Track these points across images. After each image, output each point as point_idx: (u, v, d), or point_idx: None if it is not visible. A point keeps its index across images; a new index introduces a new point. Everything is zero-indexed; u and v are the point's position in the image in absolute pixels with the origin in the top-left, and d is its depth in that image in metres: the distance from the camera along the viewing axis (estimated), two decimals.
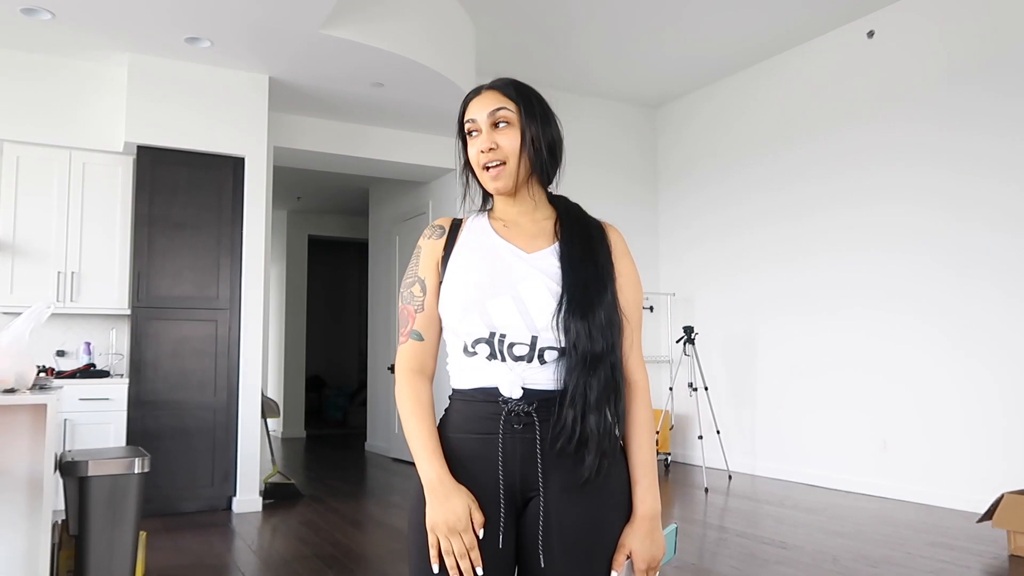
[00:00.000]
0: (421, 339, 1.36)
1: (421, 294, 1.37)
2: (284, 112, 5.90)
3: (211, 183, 5.13)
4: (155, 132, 4.94)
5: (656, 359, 7.22)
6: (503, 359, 1.28)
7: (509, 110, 1.34)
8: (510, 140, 1.33)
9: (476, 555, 1.21)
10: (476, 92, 1.38)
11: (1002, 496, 3.89)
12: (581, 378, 1.24)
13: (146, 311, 4.89)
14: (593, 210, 1.44)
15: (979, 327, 4.81)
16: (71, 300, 4.90)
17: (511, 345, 1.27)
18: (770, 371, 6.23)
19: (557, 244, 1.35)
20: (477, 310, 1.28)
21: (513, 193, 1.37)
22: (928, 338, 5.07)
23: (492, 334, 1.28)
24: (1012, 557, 3.76)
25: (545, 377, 1.28)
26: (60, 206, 4.93)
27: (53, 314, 4.92)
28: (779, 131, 6.25)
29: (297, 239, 10.00)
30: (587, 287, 1.28)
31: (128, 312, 4.98)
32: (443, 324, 1.35)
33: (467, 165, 1.42)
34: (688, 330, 6.18)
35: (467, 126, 1.36)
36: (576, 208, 1.43)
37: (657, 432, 6.36)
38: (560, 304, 1.27)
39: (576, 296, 1.27)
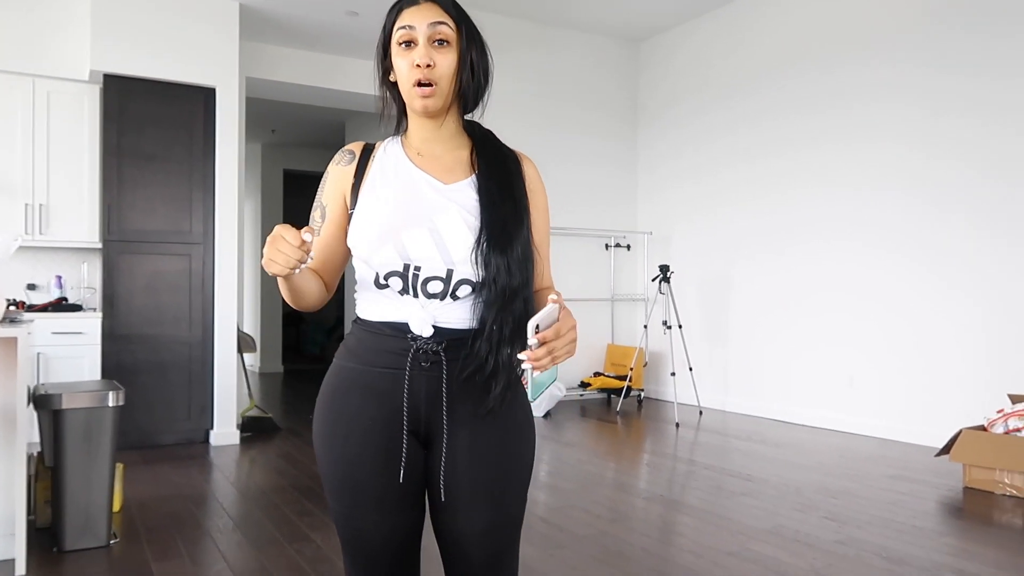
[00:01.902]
0: (311, 259, 1.27)
1: (320, 220, 1.33)
2: (257, 41, 5.72)
3: (181, 114, 5.00)
4: (122, 60, 4.78)
5: (632, 297, 7.29)
6: (415, 295, 1.26)
7: (450, 28, 1.27)
8: (447, 60, 1.26)
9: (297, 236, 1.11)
10: (412, 0, 1.29)
11: (960, 431, 4.03)
12: (499, 313, 1.23)
13: (118, 245, 4.82)
14: (573, 146, 1.42)
15: (945, 267, 4.89)
16: (40, 233, 4.81)
17: (426, 280, 1.25)
18: (743, 309, 6.32)
19: (474, 176, 1.31)
20: (391, 241, 1.24)
21: (437, 115, 1.31)
22: (895, 277, 5.16)
23: (407, 266, 1.25)
24: (967, 489, 3.92)
25: (457, 316, 1.27)
26: (25, 136, 4.79)
27: (22, 247, 4.83)
28: (761, 69, 6.18)
29: (272, 173, 9.83)
30: (506, 222, 1.26)
31: (99, 246, 4.91)
32: (354, 254, 1.31)
33: (386, 77, 1.34)
34: (664, 268, 6.22)
35: (400, 34, 1.27)
36: (492, 137, 1.38)
37: (631, 369, 6.46)
38: (479, 239, 1.24)
39: (496, 231, 1.25)
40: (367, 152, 1.35)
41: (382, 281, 1.27)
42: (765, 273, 6.12)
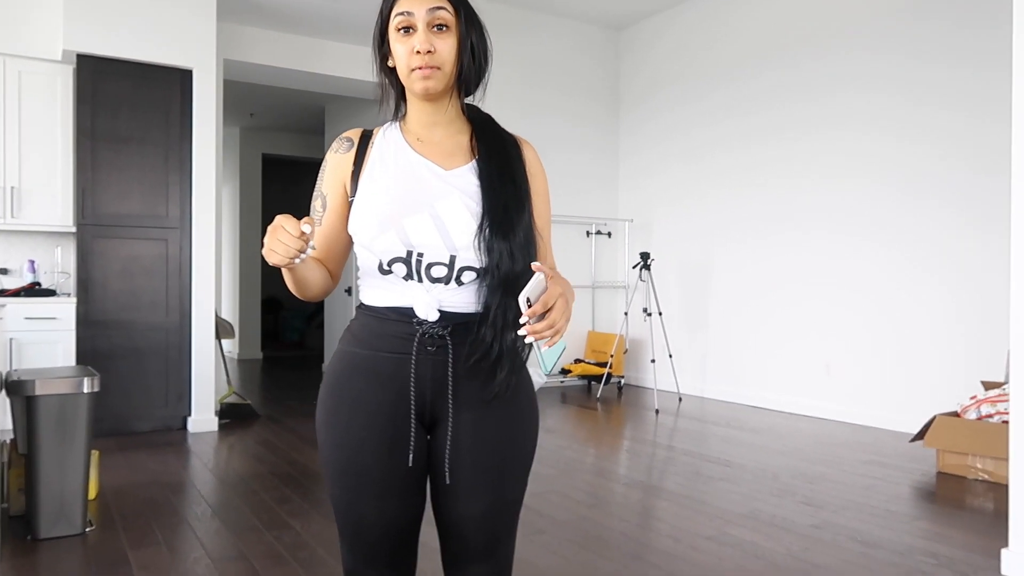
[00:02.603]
0: (313, 249, 1.28)
1: (321, 210, 1.33)
2: (235, 23, 5.63)
3: (157, 96, 4.91)
4: (95, 40, 4.68)
5: (612, 284, 7.30)
6: (420, 279, 1.25)
7: (448, 12, 1.26)
8: (447, 45, 1.26)
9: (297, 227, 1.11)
10: None
11: (934, 417, 4.09)
12: (503, 298, 1.23)
13: (92, 228, 4.74)
14: (553, 134, 1.41)
15: (920, 255, 4.95)
16: (12, 216, 4.71)
17: (429, 265, 1.25)
18: (723, 297, 6.36)
19: (475, 162, 1.30)
20: (393, 227, 1.24)
21: (437, 99, 1.30)
22: (873, 265, 5.21)
23: (409, 253, 1.25)
24: (940, 474, 3.99)
25: (462, 300, 1.27)
26: None
27: None
28: (740, 58, 6.19)
29: (251, 157, 9.72)
30: (507, 207, 1.26)
31: (73, 230, 4.82)
32: (355, 241, 1.30)
33: (384, 64, 1.33)
34: (644, 256, 6.24)
35: (398, 20, 1.26)
36: (491, 122, 1.38)
37: (611, 356, 6.49)
38: (482, 225, 1.24)
39: (497, 216, 1.25)
40: (365, 139, 1.34)
41: (385, 267, 1.27)
42: (744, 261, 6.16)
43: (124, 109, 4.82)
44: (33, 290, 4.67)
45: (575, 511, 3.34)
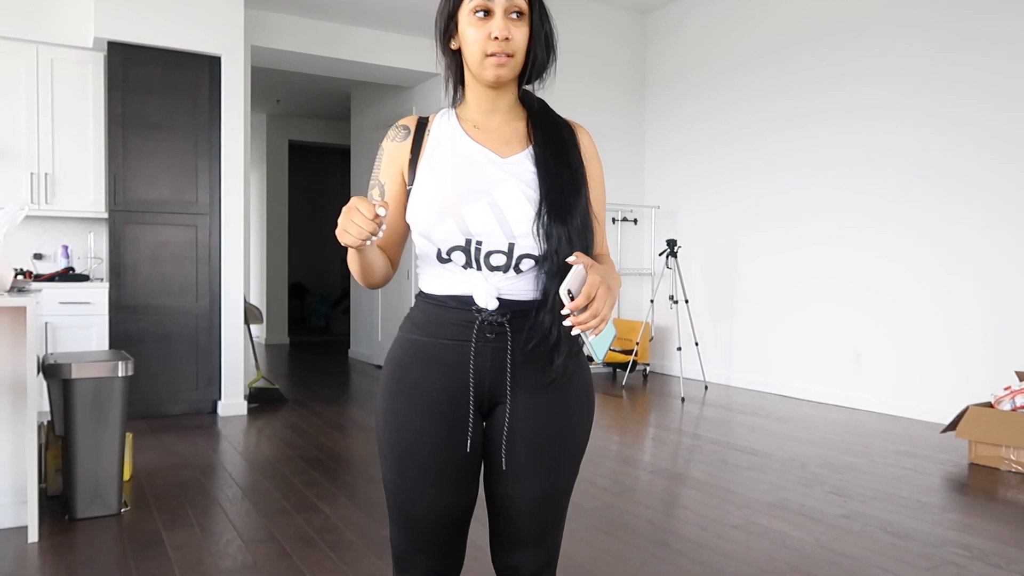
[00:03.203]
0: (383, 233, 1.31)
1: (379, 198, 1.33)
2: (263, 9, 5.65)
3: (186, 83, 4.95)
4: (126, 27, 4.72)
5: (639, 272, 7.27)
6: (479, 268, 1.26)
7: (524, 1, 1.26)
8: (523, 33, 1.26)
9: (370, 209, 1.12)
10: None
11: (967, 408, 4.03)
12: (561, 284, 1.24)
13: (123, 215, 4.81)
14: (580, 119, 1.40)
15: (954, 244, 4.85)
16: (46, 202, 4.79)
17: (488, 254, 1.25)
18: (749, 284, 6.30)
19: (531, 148, 1.30)
20: (452, 216, 1.24)
21: (502, 86, 1.30)
22: (904, 254, 5.13)
23: (468, 241, 1.25)
24: (972, 465, 3.93)
25: (520, 288, 1.27)
26: (29, 104, 4.76)
27: (28, 216, 4.82)
28: (771, 44, 6.09)
29: (277, 144, 9.78)
30: (564, 192, 1.26)
31: (105, 215, 4.89)
32: (414, 230, 1.31)
33: (446, 47, 1.32)
34: (671, 243, 6.19)
35: (478, 3, 1.24)
36: (546, 108, 1.37)
37: (637, 343, 6.47)
38: (540, 211, 1.24)
39: (555, 202, 1.24)
40: (422, 126, 1.34)
41: (444, 256, 1.27)
42: (772, 248, 6.09)
43: (154, 96, 4.87)
44: (67, 275, 4.75)
45: (601, 498, 3.34)
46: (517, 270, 1.26)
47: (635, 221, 7.25)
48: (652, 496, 3.42)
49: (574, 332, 1.12)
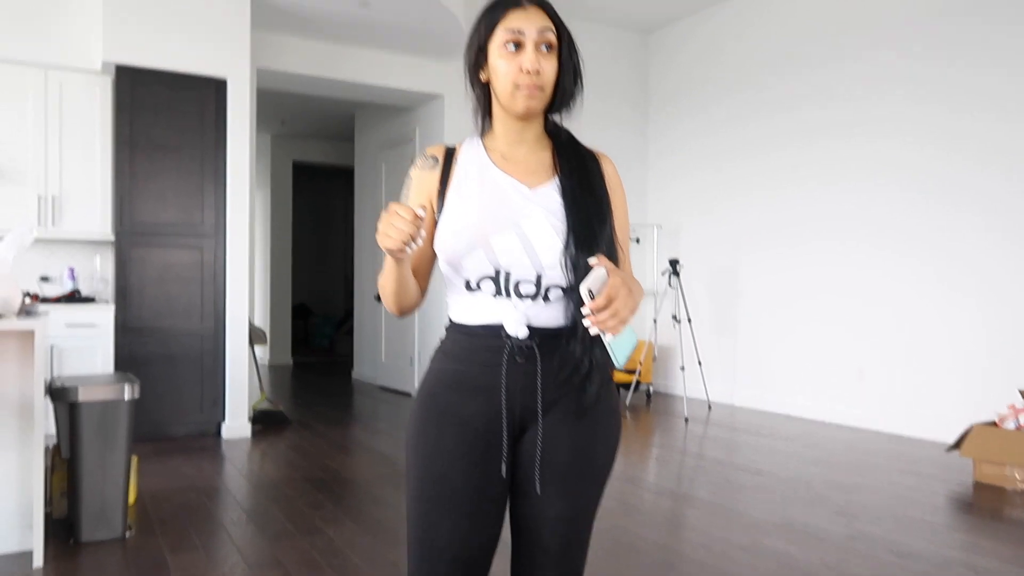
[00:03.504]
0: (423, 240, 1.33)
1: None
2: (267, 32, 5.72)
3: (193, 105, 5.01)
4: (134, 51, 4.78)
5: None
6: (508, 296, 1.28)
7: (554, 34, 1.29)
8: (552, 66, 1.29)
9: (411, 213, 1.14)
10: (515, 2, 1.29)
11: (971, 427, 4.02)
12: None
13: (130, 237, 4.84)
14: (582, 138, 1.42)
15: (958, 261, 4.87)
16: (52, 224, 4.83)
17: (517, 283, 1.27)
18: (752, 303, 6.31)
19: (558, 178, 1.32)
20: (481, 245, 1.26)
21: (530, 118, 1.32)
22: (907, 271, 5.14)
23: (498, 272, 1.27)
24: (977, 484, 3.92)
25: (549, 315, 1.28)
26: (37, 127, 4.80)
27: (35, 239, 4.85)
28: (771, 61, 6.15)
29: (282, 165, 9.84)
30: (591, 223, 1.28)
31: (111, 238, 4.93)
32: (441, 259, 1.32)
33: (476, 78, 1.34)
34: (673, 263, 6.21)
35: (509, 35, 1.27)
36: (571, 138, 1.40)
37: (640, 363, 6.47)
38: (567, 243, 1.26)
39: (582, 233, 1.26)
40: (449, 156, 1.36)
41: (474, 286, 1.29)
42: (774, 267, 6.11)
43: (161, 118, 4.92)
44: (73, 297, 4.77)
45: (606, 519, 3.34)
46: (546, 299, 1.28)
47: (637, 240, 7.27)
48: (657, 517, 3.41)
49: (592, 331, 1.12)
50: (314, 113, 8.60)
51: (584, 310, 1.10)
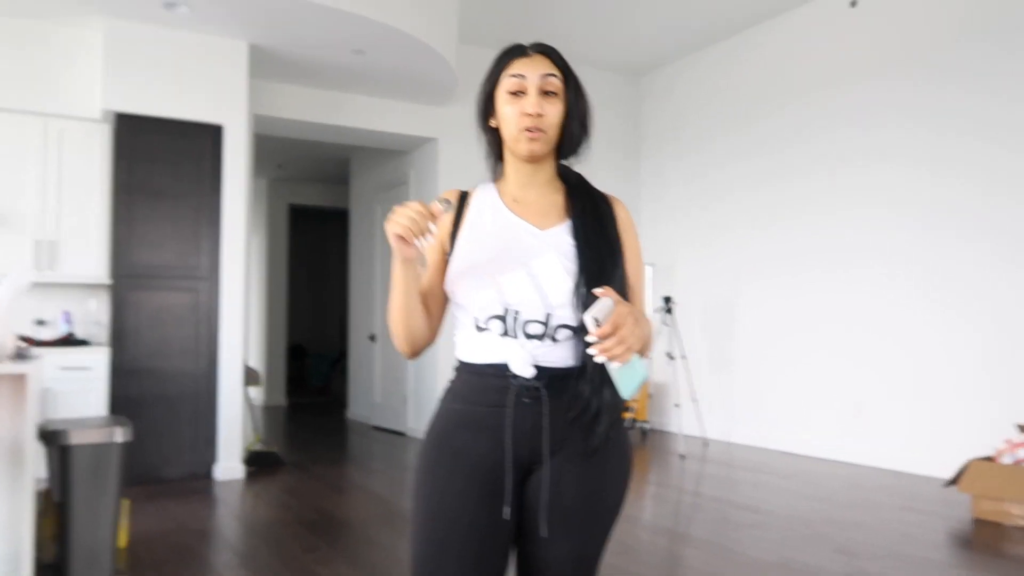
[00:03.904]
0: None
1: (421, 268, 1.37)
2: (264, 79, 5.82)
3: (190, 151, 5.07)
4: (133, 100, 4.87)
5: None
6: (515, 336, 1.28)
7: (558, 79, 1.33)
8: (555, 110, 1.32)
9: (425, 213, 1.21)
10: (521, 51, 1.34)
11: (969, 462, 4.01)
12: None
13: (126, 280, 4.87)
14: None
15: (955, 296, 4.90)
16: (49, 269, 4.85)
17: (525, 323, 1.28)
18: (747, 339, 6.32)
19: (570, 221, 1.34)
20: (491, 286, 1.28)
21: (538, 161, 1.35)
22: (903, 303, 5.17)
23: (506, 311, 1.28)
24: (976, 520, 3.89)
25: (557, 355, 1.29)
26: (37, 174, 4.86)
27: (31, 283, 4.87)
28: (759, 100, 6.26)
29: (278, 208, 9.92)
30: (602, 264, 1.30)
31: (108, 281, 4.95)
32: (452, 299, 1.35)
33: (486, 124, 1.38)
34: (667, 300, 6.24)
35: (511, 83, 1.32)
36: (584, 182, 1.42)
37: (635, 400, 6.45)
38: (578, 284, 1.27)
39: (593, 274, 1.28)
40: (463, 199, 1.40)
41: (482, 325, 1.30)
42: (769, 302, 6.14)
43: (159, 164, 4.98)
44: (67, 340, 4.78)
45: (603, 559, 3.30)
46: (553, 339, 1.28)
47: None
48: (654, 556, 3.38)
49: (597, 359, 1.11)
50: (310, 157, 8.71)
51: (589, 338, 1.10)
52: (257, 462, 5.42)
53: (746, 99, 6.40)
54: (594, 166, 1.41)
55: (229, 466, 5.04)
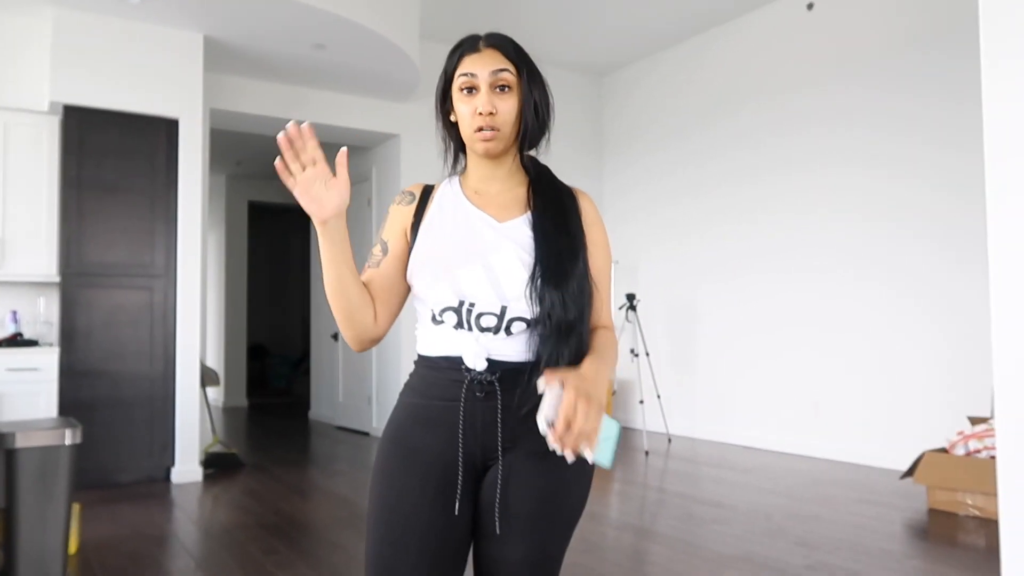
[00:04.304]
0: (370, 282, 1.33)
1: (380, 254, 1.35)
2: (221, 73, 5.70)
3: (144, 146, 4.94)
4: (83, 92, 4.72)
5: None
6: (469, 329, 1.27)
7: (511, 73, 1.30)
8: (509, 106, 1.30)
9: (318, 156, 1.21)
10: (472, 46, 1.32)
11: (923, 454, 4.09)
12: (555, 347, 1.24)
13: (77, 278, 4.72)
14: None
15: (907, 293, 5.00)
16: None
17: (479, 315, 1.26)
18: (709, 337, 6.38)
19: (529, 214, 1.32)
20: (446, 278, 1.26)
21: (497, 156, 1.33)
22: (859, 302, 5.26)
23: (461, 303, 1.26)
24: (931, 511, 3.98)
25: (511, 349, 1.27)
26: None
27: None
28: (721, 100, 6.32)
29: (237, 205, 9.74)
30: (561, 257, 1.27)
31: (57, 280, 4.79)
32: (413, 291, 1.33)
33: (444, 119, 1.37)
34: (630, 297, 6.27)
35: (462, 80, 1.30)
36: (548, 174, 1.40)
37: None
38: (534, 274, 1.25)
39: (550, 266, 1.26)
40: (426, 192, 1.39)
41: (438, 317, 1.29)
42: (731, 300, 6.20)
43: (110, 158, 4.84)
44: (15, 341, 4.62)
45: (567, 557, 3.28)
46: (508, 331, 1.26)
47: None
48: (619, 553, 3.38)
49: (569, 459, 1.09)
50: (270, 153, 8.54)
51: (549, 443, 1.08)
52: (216, 464, 5.31)
53: (707, 100, 6.46)
54: (558, 164, 1.39)
55: (187, 469, 4.92)
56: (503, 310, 1.26)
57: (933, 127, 4.89)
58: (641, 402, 6.19)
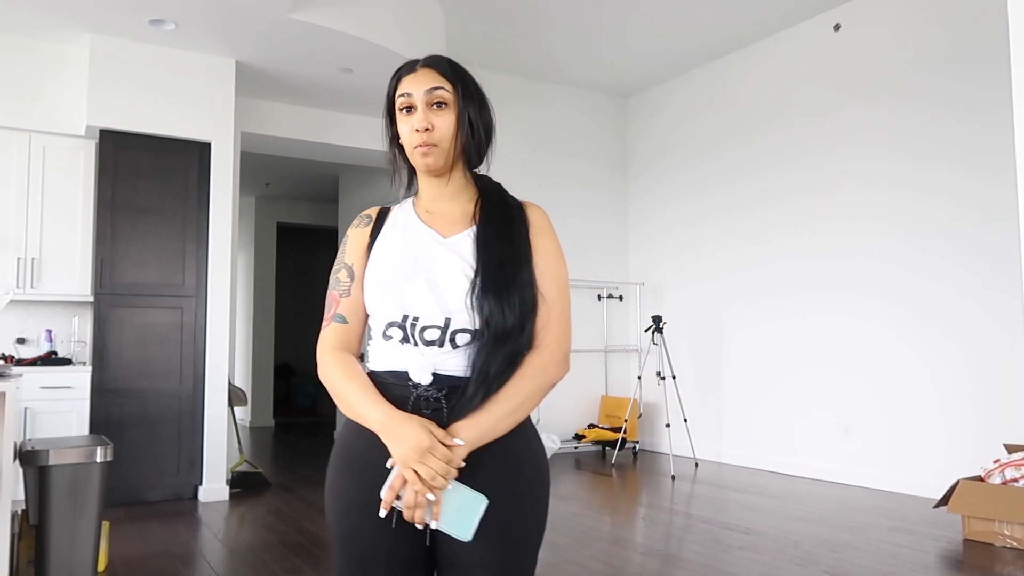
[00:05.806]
0: (345, 322, 1.36)
1: (348, 280, 1.38)
2: (252, 97, 5.81)
3: (176, 168, 5.04)
4: (118, 116, 4.84)
5: (625, 348, 7.28)
6: (415, 343, 1.28)
7: (446, 91, 1.33)
8: (446, 122, 1.32)
9: (452, 472, 1.19)
10: (410, 68, 1.36)
11: (957, 482, 3.99)
12: (487, 357, 1.24)
13: (109, 298, 4.81)
14: (563, 199, 1.44)
15: (940, 316, 4.91)
16: (31, 287, 4.79)
17: (423, 329, 1.27)
18: (736, 359, 6.31)
19: (475, 227, 1.34)
20: (392, 293, 1.29)
21: (441, 173, 1.36)
22: (889, 325, 5.18)
23: (405, 317, 1.28)
24: (967, 541, 3.87)
25: (456, 363, 1.27)
26: (19, 190, 4.81)
27: (12, 301, 4.81)
28: (745, 121, 6.31)
29: (266, 226, 9.88)
30: (502, 266, 1.28)
31: (90, 299, 4.89)
32: (366, 309, 1.36)
33: (394, 141, 1.41)
34: (656, 319, 6.23)
35: (400, 101, 1.34)
36: (497, 189, 1.41)
37: (626, 420, 6.42)
38: (474, 284, 1.27)
39: (490, 275, 1.27)
40: (383, 215, 1.42)
41: (386, 333, 1.31)
42: (757, 322, 6.14)
43: (144, 181, 4.94)
44: (49, 359, 4.70)
45: None
46: (453, 344, 1.27)
47: (620, 298, 7.30)
48: None
49: (430, 524, 1.17)
50: (298, 175, 8.69)
51: (382, 512, 1.17)
52: (242, 483, 5.34)
53: (731, 121, 6.44)
54: (583, 183, 1.40)
55: (213, 488, 4.96)
56: (447, 322, 1.27)
57: (961, 149, 4.83)
58: (667, 425, 6.13)
